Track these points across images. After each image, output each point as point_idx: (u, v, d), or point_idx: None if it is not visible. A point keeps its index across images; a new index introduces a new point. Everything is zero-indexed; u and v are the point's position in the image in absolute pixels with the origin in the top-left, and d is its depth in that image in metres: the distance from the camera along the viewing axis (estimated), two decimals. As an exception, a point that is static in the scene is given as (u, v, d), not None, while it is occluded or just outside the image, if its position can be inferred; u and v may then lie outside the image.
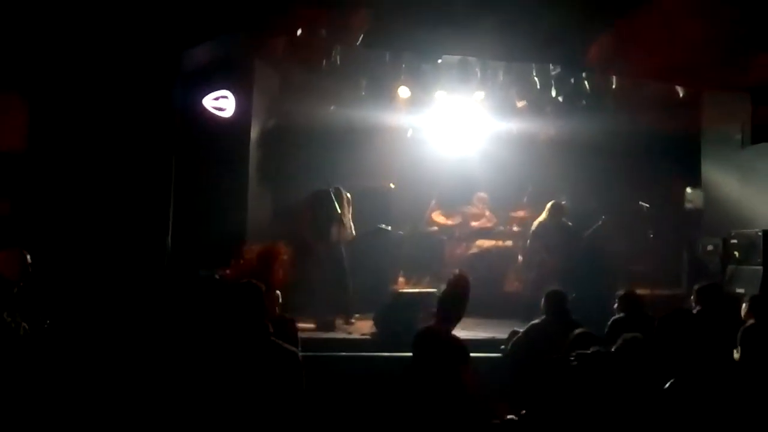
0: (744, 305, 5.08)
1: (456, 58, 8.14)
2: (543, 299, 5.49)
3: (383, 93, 8.77)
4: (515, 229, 9.32)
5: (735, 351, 4.50)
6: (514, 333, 5.66)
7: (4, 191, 6.12)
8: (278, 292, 4.91)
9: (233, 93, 7.17)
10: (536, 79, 8.59)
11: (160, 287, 5.84)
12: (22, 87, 6.16)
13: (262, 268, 5.32)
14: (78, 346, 5.12)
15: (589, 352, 3.22)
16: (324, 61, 7.76)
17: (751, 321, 4.79)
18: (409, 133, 9.52)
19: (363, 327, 7.11)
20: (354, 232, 7.74)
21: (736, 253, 7.34)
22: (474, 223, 9.38)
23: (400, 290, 7.86)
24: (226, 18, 6.30)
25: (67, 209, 5.93)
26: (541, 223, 8.30)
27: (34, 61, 6.10)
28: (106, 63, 6.11)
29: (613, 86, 8.77)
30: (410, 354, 4.85)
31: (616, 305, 5.52)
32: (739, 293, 6.44)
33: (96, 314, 5.44)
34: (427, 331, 4.46)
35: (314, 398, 3.63)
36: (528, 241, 8.54)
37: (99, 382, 4.96)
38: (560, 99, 8.71)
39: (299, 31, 6.90)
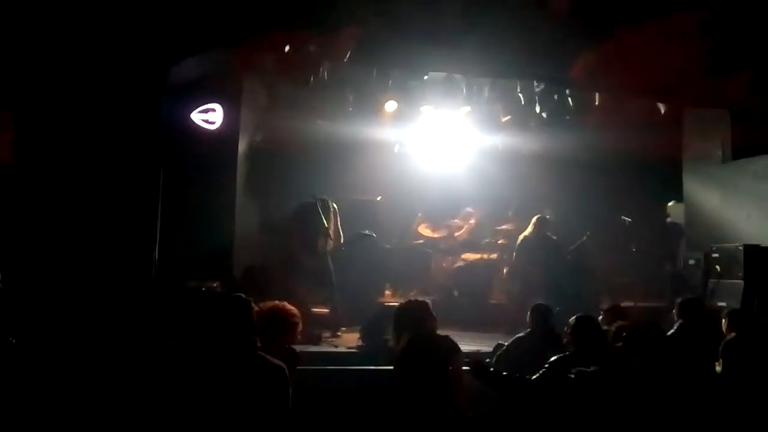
0: (724, 320, 5.15)
1: (442, 74, 8.22)
2: (528, 313, 5.53)
3: (370, 108, 8.81)
4: (500, 242, 9.39)
5: (717, 364, 4.57)
6: (499, 346, 5.64)
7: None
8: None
9: (221, 107, 7.19)
10: (521, 95, 8.67)
11: (147, 299, 5.83)
12: (9, 100, 6.16)
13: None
14: (62, 357, 5.11)
15: (589, 370, 3.24)
16: (312, 77, 7.81)
17: (732, 334, 4.86)
18: (396, 148, 9.58)
19: (349, 340, 7.09)
20: (341, 240, 7.80)
21: (718, 267, 7.40)
22: (458, 234, 9.44)
23: (387, 303, 7.84)
24: (214, 33, 6.33)
25: (55, 221, 5.92)
26: (526, 237, 8.37)
27: (21, 75, 6.10)
28: (94, 77, 6.11)
29: (596, 103, 8.89)
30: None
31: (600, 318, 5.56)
32: (720, 307, 6.50)
33: (83, 325, 5.43)
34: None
35: (299, 413, 3.63)
36: (513, 254, 8.60)
37: (83, 392, 4.95)
38: (544, 115, 8.81)
39: (287, 47, 6.95)
